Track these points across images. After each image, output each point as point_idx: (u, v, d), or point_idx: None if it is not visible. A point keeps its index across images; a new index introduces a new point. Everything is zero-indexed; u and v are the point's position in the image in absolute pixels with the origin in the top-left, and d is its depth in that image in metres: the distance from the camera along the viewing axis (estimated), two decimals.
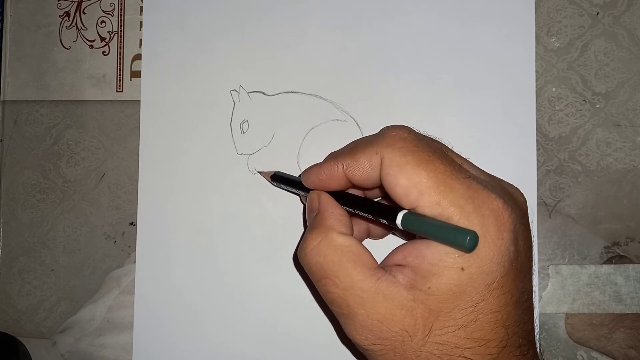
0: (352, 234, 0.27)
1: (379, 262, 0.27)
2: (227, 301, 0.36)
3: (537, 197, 0.35)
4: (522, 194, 0.27)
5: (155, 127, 0.37)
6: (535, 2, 0.36)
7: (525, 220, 0.26)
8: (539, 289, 0.35)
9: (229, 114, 0.37)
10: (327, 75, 0.36)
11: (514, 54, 0.35)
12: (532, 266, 0.26)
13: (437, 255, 0.24)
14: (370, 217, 0.27)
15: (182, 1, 0.37)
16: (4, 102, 0.39)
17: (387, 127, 0.27)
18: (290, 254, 0.36)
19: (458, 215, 0.23)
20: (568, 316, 0.35)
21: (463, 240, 0.22)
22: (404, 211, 0.25)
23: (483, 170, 0.28)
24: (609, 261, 0.35)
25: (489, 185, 0.25)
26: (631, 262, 0.35)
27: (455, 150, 0.28)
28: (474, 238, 0.22)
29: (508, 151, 0.35)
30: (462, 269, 0.23)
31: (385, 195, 0.30)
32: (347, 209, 0.29)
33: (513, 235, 0.24)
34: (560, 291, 0.35)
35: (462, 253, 0.23)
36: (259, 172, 0.36)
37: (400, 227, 0.25)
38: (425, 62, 0.36)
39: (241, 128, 0.36)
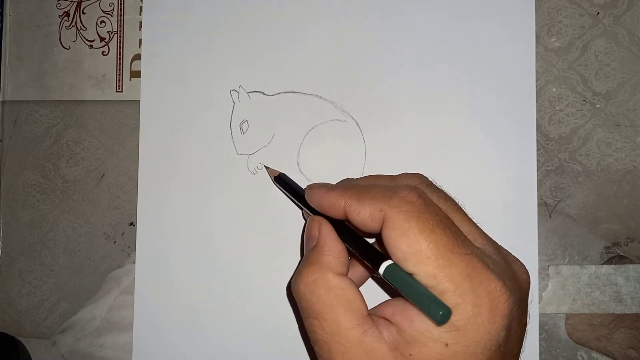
0: (347, 273, 0.27)
1: (371, 306, 0.26)
2: (227, 301, 0.36)
3: (538, 198, 0.35)
4: (526, 271, 0.27)
5: (155, 127, 0.37)
6: (536, 2, 0.36)
7: (524, 302, 0.26)
8: (539, 289, 0.35)
9: (228, 114, 0.37)
10: (327, 75, 0.36)
11: (514, 54, 0.35)
12: (522, 347, 0.26)
13: (424, 325, 0.24)
14: (357, 255, 0.27)
15: (182, 1, 0.37)
16: (3, 102, 0.38)
17: (403, 182, 0.27)
18: (290, 254, 0.36)
19: (452, 292, 0.23)
20: (568, 316, 0.35)
21: (435, 312, 0.23)
22: (390, 262, 0.25)
23: (491, 240, 0.27)
24: (609, 261, 0.35)
25: (490, 263, 0.24)
26: (631, 262, 0.35)
27: (466, 211, 0.28)
28: (447, 315, 0.23)
29: (508, 151, 0.35)
30: (447, 345, 0.23)
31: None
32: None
33: (507, 320, 0.24)
34: (561, 291, 0.35)
35: (450, 329, 0.23)
36: (265, 166, 0.36)
37: (381, 275, 0.25)
38: (425, 62, 0.36)
39: (241, 128, 0.36)
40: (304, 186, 0.32)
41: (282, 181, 0.34)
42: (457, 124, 0.35)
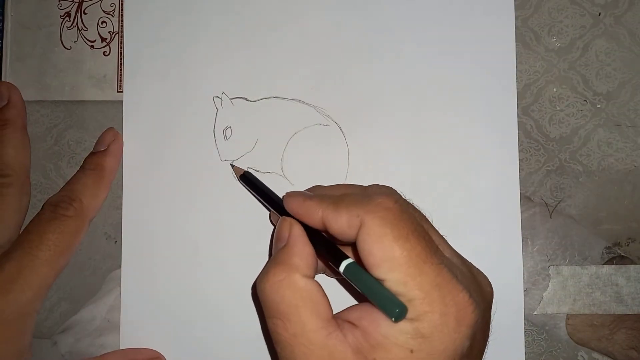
0: (314, 276, 0.27)
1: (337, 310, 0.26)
2: (214, 306, 0.36)
3: (540, 198, 0.35)
4: (489, 284, 0.28)
5: (139, 135, 0.37)
6: (537, 2, 0.36)
7: (488, 314, 0.26)
8: (540, 289, 0.35)
9: (211, 121, 0.37)
10: (309, 80, 0.36)
11: (495, 54, 0.35)
12: (483, 357, 0.26)
13: (390, 329, 0.24)
14: (323, 256, 0.28)
15: (163, 9, 0.37)
16: None
17: (376, 191, 0.27)
18: None
19: (420, 300, 0.23)
20: (569, 317, 0.35)
21: (392, 308, 0.23)
22: (350, 260, 0.26)
23: (457, 253, 0.27)
24: (610, 262, 0.35)
25: (459, 274, 0.25)
26: (632, 262, 0.35)
27: (434, 225, 0.28)
28: (403, 312, 0.23)
29: (491, 151, 0.35)
30: (412, 351, 0.23)
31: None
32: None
33: (472, 330, 0.24)
34: (561, 292, 0.35)
35: (415, 335, 0.23)
36: (231, 164, 0.36)
37: (341, 272, 0.26)
38: (407, 66, 0.36)
39: (224, 134, 0.36)
40: (285, 190, 0.32)
41: (248, 180, 0.34)
42: (440, 127, 0.35)
